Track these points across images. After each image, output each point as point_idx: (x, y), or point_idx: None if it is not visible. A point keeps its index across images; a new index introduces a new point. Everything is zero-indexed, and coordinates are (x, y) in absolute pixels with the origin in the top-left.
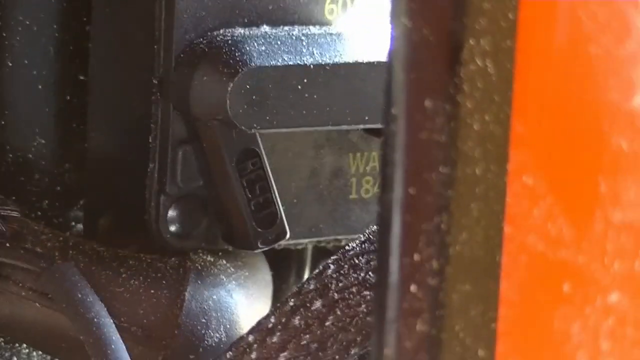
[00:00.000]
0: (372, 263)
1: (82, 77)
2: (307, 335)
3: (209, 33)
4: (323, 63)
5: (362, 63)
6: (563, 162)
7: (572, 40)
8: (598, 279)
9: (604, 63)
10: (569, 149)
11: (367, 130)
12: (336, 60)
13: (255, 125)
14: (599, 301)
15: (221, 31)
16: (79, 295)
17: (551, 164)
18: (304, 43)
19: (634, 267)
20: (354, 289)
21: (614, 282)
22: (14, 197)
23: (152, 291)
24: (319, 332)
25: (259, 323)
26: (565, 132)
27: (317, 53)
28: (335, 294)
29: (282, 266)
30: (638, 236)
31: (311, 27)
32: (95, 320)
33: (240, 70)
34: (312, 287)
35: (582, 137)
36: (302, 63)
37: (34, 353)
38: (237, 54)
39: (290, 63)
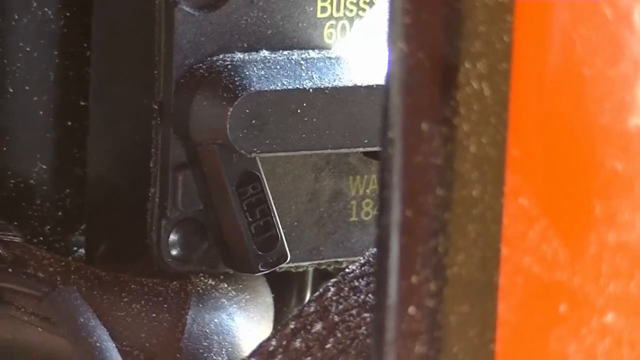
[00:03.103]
0: (371, 285)
1: (82, 103)
2: (308, 358)
3: (208, 58)
4: (322, 87)
5: (360, 87)
6: (558, 183)
7: (567, 62)
8: (593, 300)
9: (598, 85)
10: (564, 171)
11: (366, 153)
12: (335, 84)
13: (255, 149)
14: (594, 322)
15: (221, 56)
16: (81, 320)
17: (547, 185)
18: (303, 67)
19: (629, 288)
20: (354, 311)
21: (610, 303)
22: (15, 223)
23: (154, 315)
24: (319, 354)
25: (260, 346)
26: (561, 154)
27: (316, 77)
28: (336, 317)
29: (283, 289)
30: (633, 257)
31: (310, 52)
32: (97, 344)
33: (240, 94)
34: (312, 309)
35: (577, 159)
36: (301, 87)
37: None
38: (236, 79)
39: (290, 87)
